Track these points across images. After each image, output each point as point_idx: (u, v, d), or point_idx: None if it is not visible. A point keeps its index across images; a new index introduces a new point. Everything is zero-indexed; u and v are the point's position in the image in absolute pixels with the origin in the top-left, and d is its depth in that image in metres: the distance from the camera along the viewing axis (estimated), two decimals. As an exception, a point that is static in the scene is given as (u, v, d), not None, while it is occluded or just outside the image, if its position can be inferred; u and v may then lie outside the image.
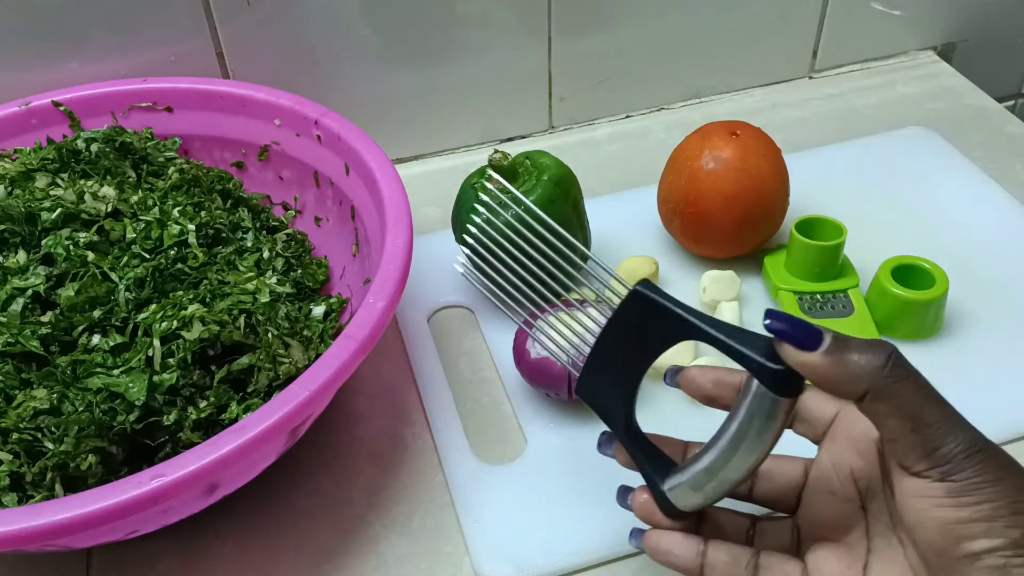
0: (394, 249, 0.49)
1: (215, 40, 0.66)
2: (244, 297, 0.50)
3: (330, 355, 0.44)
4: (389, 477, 0.53)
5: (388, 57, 0.70)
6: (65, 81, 0.63)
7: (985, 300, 0.60)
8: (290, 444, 0.48)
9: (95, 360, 0.46)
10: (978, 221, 0.66)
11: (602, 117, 0.80)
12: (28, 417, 0.44)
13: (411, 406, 0.57)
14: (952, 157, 0.73)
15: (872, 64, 0.85)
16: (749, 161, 0.59)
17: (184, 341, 0.47)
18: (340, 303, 0.56)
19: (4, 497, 0.44)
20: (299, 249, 0.60)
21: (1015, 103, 0.92)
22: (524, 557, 0.48)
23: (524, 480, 0.52)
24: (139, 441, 0.46)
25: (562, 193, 0.58)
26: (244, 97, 0.61)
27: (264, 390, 0.48)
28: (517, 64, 0.74)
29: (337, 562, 0.49)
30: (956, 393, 0.54)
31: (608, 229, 0.65)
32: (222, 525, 0.51)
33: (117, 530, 0.43)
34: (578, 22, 0.73)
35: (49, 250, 0.50)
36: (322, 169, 0.60)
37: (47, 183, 0.54)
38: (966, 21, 0.85)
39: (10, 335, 0.47)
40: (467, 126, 0.76)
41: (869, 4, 0.81)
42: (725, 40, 0.78)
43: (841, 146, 0.75)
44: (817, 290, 0.59)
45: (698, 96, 0.82)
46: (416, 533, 0.50)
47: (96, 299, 0.49)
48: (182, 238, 0.52)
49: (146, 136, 0.61)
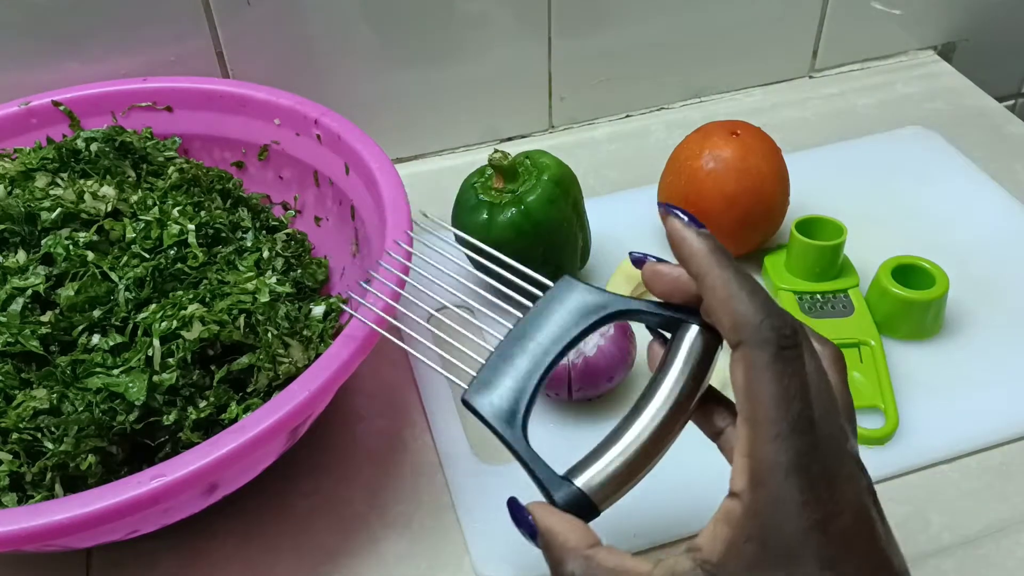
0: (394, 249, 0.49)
1: (215, 40, 0.66)
2: (244, 297, 0.50)
3: (330, 355, 0.44)
4: (389, 477, 0.53)
5: (388, 57, 0.70)
6: (65, 81, 0.63)
7: (985, 300, 0.60)
8: (290, 444, 0.48)
9: (95, 360, 0.46)
10: (978, 221, 0.66)
11: (602, 117, 0.80)
12: (28, 417, 0.44)
13: (411, 406, 0.57)
14: (952, 157, 0.73)
15: (872, 64, 0.85)
16: (749, 161, 0.59)
17: (184, 341, 0.47)
18: (340, 303, 0.56)
19: (4, 497, 0.44)
20: (299, 249, 0.60)
21: (1015, 103, 0.92)
22: (524, 558, 0.48)
23: (524, 480, 0.51)
24: (139, 441, 0.46)
25: (562, 193, 0.58)
26: (244, 97, 0.61)
27: (264, 390, 0.48)
28: (517, 64, 0.74)
29: (337, 562, 0.49)
30: (956, 393, 0.55)
31: (608, 229, 0.65)
32: (222, 525, 0.51)
33: (117, 530, 0.43)
34: (578, 22, 0.73)
35: (49, 250, 0.50)
36: (322, 169, 0.60)
37: (47, 183, 0.54)
38: (966, 21, 0.85)
39: (10, 335, 0.47)
40: (467, 126, 0.76)
41: (869, 4, 0.81)
42: (725, 40, 0.78)
43: (841, 146, 0.75)
44: (817, 290, 0.59)
45: (698, 96, 0.82)
46: (416, 533, 0.50)
47: (96, 299, 0.49)
48: (182, 238, 0.52)
49: (146, 136, 0.61)
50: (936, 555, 0.48)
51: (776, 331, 0.32)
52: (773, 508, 0.31)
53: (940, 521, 0.49)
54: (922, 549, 0.48)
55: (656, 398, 0.36)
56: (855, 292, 0.59)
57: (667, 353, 0.37)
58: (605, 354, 0.53)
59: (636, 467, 0.35)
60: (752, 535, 0.31)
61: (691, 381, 0.36)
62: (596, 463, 0.35)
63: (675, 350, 0.36)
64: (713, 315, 0.34)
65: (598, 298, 0.38)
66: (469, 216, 0.58)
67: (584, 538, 0.34)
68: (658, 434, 0.35)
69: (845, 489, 0.32)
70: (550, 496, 0.35)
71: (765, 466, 0.31)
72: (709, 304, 0.34)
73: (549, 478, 0.36)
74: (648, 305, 0.38)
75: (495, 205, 0.57)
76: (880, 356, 0.55)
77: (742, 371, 0.32)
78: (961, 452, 0.52)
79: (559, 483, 0.35)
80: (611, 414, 0.54)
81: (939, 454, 0.52)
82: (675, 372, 0.36)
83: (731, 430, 0.37)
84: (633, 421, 0.35)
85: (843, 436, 0.33)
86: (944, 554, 0.48)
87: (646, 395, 0.36)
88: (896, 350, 0.57)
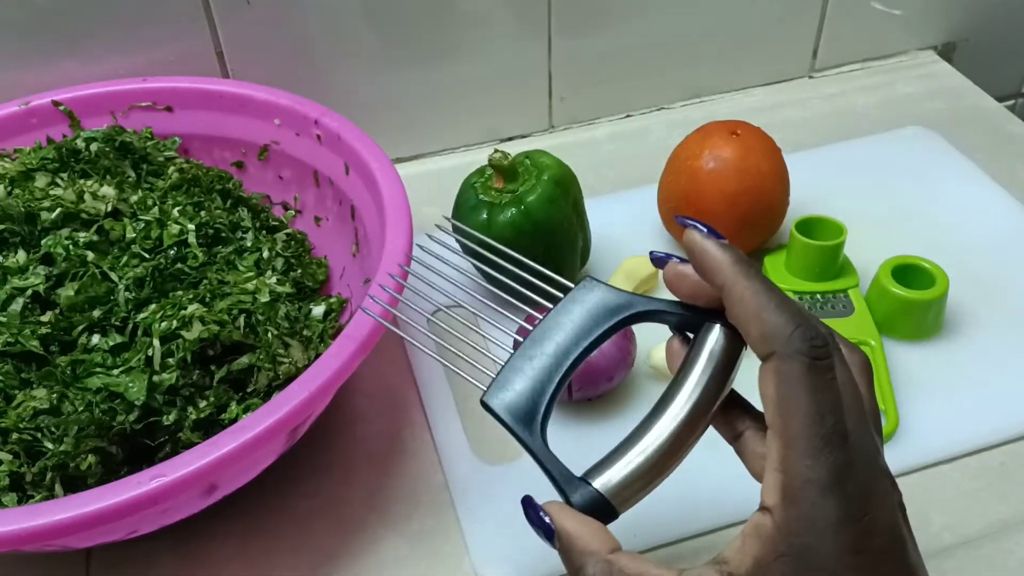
0: (394, 249, 0.49)
1: (215, 39, 0.66)
2: (244, 297, 0.50)
3: (330, 355, 0.44)
4: (389, 477, 0.53)
5: (388, 57, 0.70)
6: (65, 80, 0.63)
7: (985, 300, 0.60)
8: (290, 444, 0.48)
9: (95, 360, 0.46)
10: (978, 221, 0.66)
11: (602, 116, 0.80)
12: (28, 417, 0.44)
13: (411, 406, 0.57)
14: (952, 157, 0.73)
15: (872, 64, 0.84)
16: (749, 160, 0.59)
17: (184, 341, 0.47)
18: (340, 303, 0.56)
19: (4, 497, 0.44)
20: (299, 249, 0.60)
21: (1015, 103, 0.92)
22: (524, 558, 0.48)
23: (524, 480, 0.51)
24: (139, 441, 0.46)
25: (562, 193, 0.58)
26: (244, 96, 0.61)
27: (264, 390, 0.48)
28: (517, 63, 0.74)
29: (336, 563, 0.49)
30: (956, 393, 0.55)
31: (608, 229, 0.65)
32: (221, 526, 0.50)
33: (116, 530, 0.43)
34: (578, 21, 0.73)
35: (49, 250, 0.50)
36: (322, 169, 0.60)
37: (47, 183, 0.54)
38: (966, 21, 0.85)
39: (10, 335, 0.47)
40: (467, 125, 0.76)
41: (869, 4, 0.81)
42: (725, 40, 0.78)
43: (841, 146, 0.75)
44: (817, 290, 0.59)
45: (698, 96, 0.82)
46: (416, 533, 0.50)
47: (96, 299, 0.49)
48: (182, 238, 0.52)
49: (146, 136, 0.61)
50: (936, 555, 0.48)
51: (808, 341, 0.31)
52: (807, 527, 0.30)
53: (940, 521, 0.49)
54: (922, 549, 0.47)
55: (678, 399, 0.35)
56: (855, 292, 0.59)
57: (689, 353, 0.36)
58: (605, 354, 0.52)
59: (657, 469, 0.34)
60: (783, 552, 0.30)
61: (714, 383, 0.35)
62: (615, 465, 0.34)
63: (698, 351, 0.36)
64: (741, 327, 0.33)
65: (620, 299, 0.38)
66: (469, 216, 0.58)
67: (604, 541, 0.33)
68: (680, 436, 0.34)
69: (880, 507, 0.31)
70: (567, 498, 0.35)
71: (798, 482, 0.30)
72: (736, 316, 0.33)
73: (567, 479, 0.35)
74: (671, 306, 0.37)
75: (495, 205, 0.57)
76: (880, 356, 0.55)
77: (773, 384, 0.31)
78: (961, 452, 0.52)
79: (577, 484, 0.35)
80: (611, 414, 0.54)
81: (939, 454, 0.52)
82: (697, 373, 0.35)
83: (751, 434, 0.36)
84: (654, 422, 0.35)
85: (875, 450, 0.32)
86: (945, 554, 0.48)
87: (667, 396, 0.35)
88: (896, 350, 0.57)
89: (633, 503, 0.35)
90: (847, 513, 0.30)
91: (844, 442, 0.30)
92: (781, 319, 0.32)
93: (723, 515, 0.49)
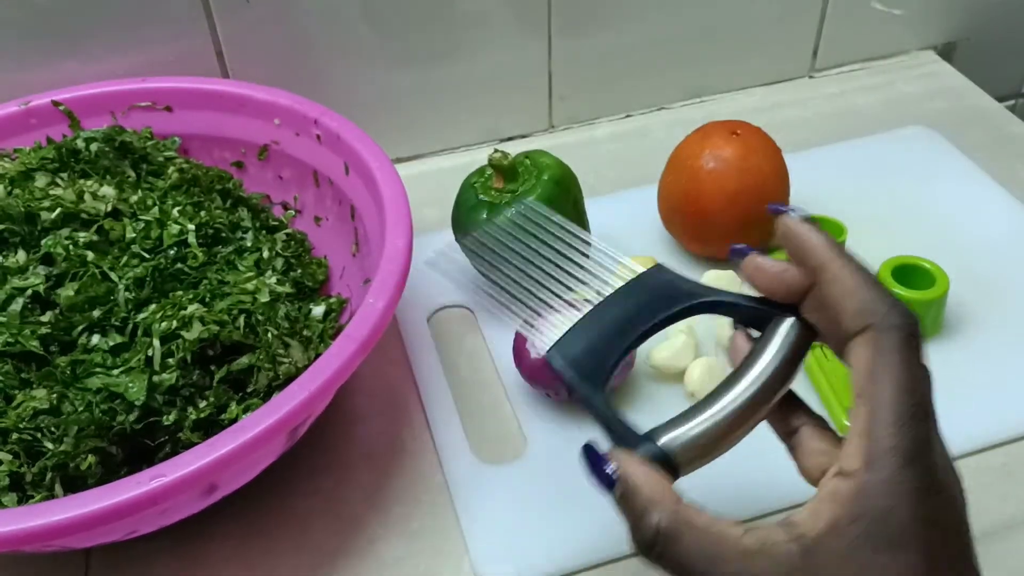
0: (394, 249, 0.49)
1: (214, 39, 0.66)
2: (244, 297, 0.50)
3: (330, 355, 0.44)
4: (388, 477, 0.53)
5: (388, 57, 0.70)
6: (65, 80, 0.63)
7: (986, 300, 0.60)
8: (290, 444, 0.48)
9: (95, 360, 0.46)
10: (978, 221, 0.66)
11: (602, 116, 0.80)
12: (28, 417, 0.44)
13: (411, 406, 0.57)
14: (953, 157, 0.72)
15: (873, 63, 0.84)
16: (750, 160, 0.59)
17: (184, 341, 0.47)
18: (340, 303, 0.56)
19: (4, 497, 0.44)
20: (299, 249, 0.60)
21: (1015, 103, 0.92)
22: (524, 557, 0.48)
23: (524, 480, 0.52)
24: (139, 441, 0.46)
25: (562, 192, 0.58)
26: (243, 96, 0.61)
27: (264, 390, 0.48)
28: (517, 63, 0.74)
29: (336, 563, 0.49)
30: (956, 393, 0.55)
31: (608, 228, 0.64)
32: (221, 526, 0.50)
33: (116, 530, 0.43)
34: (578, 21, 0.73)
35: (49, 250, 0.50)
36: (321, 168, 0.60)
37: (47, 183, 0.54)
38: (966, 20, 0.85)
39: (10, 335, 0.47)
40: (467, 125, 0.76)
41: (869, 3, 0.81)
42: (725, 40, 0.78)
43: (842, 146, 0.75)
44: (817, 290, 0.59)
45: (698, 95, 0.82)
46: (415, 533, 0.50)
47: (96, 299, 0.48)
48: (182, 238, 0.52)
49: (146, 136, 0.61)
50: (936, 555, 0.48)
51: (906, 317, 0.33)
52: (888, 491, 0.31)
53: (940, 521, 0.49)
54: (922, 549, 0.48)
55: (748, 376, 0.35)
56: (855, 292, 0.59)
57: (759, 342, 0.36)
58: (605, 354, 0.52)
59: (722, 436, 0.34)
60: (860, 515, 0.31)
61: (784, 368, 0.35)
62: (681, 427, 0.34)
63: (768, 338, 0.36)
64: (835, 305, 0.34)
65: (692, 286, 0.38)
66: (469, 216, 0.58)
67: (670, 493, 0.33)
68: (746, 411, 0.35)
69: (954, 488, 0.32)
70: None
71: (882, 448, 0.31)
72: (831, 294, 0.34)
73: (629, 435, 0.35)
74: (743, 298, 0.38)
75: (495, 205, 0.57)
76: (880, 356, 0.55)
77: (868, 353, 0.32)
78: (961, 452, 0.52)
79: (639, 440, 0.34)
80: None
81: (939, 454, 0.52)
82: (769, 356, 0.36)
83: (807, 431, 0.36)
84: (724, 394, 0.35)
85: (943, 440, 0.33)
86: (944, 554, 0.48)
87: (737, 373, 0.36)
88: (896, 350, 0.57)
89: (696, 467, 0.35)
90: (927, 485, 0.31)
91: (928, 418, 0.32)
92: (879, 295, 0.33)
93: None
